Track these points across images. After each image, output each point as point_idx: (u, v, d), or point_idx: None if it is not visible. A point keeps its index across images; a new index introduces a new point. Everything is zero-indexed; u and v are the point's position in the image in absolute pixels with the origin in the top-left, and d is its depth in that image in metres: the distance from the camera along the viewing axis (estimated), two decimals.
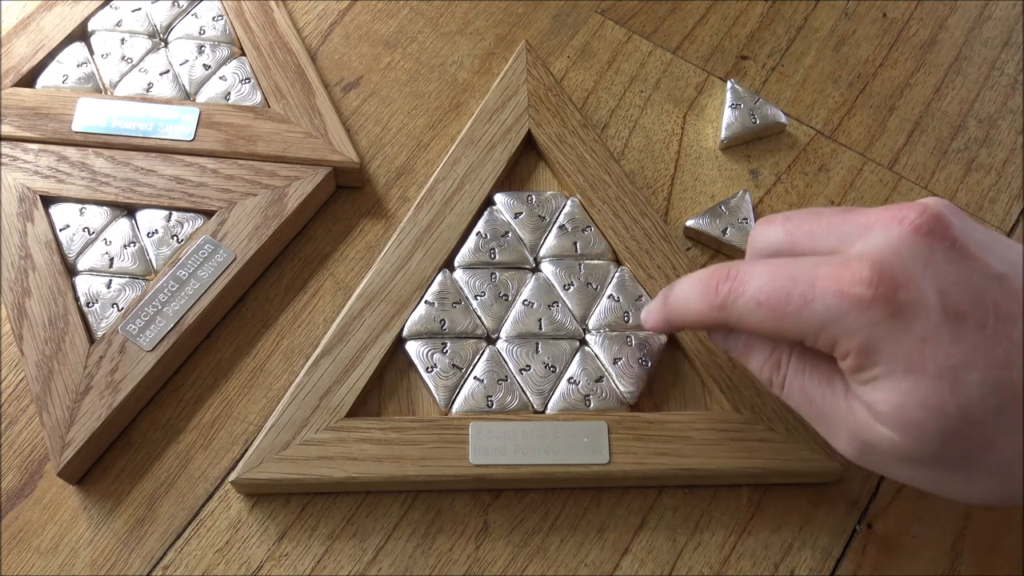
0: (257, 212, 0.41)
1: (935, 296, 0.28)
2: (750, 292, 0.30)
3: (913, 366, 0.28)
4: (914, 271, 0.28)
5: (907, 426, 0.28)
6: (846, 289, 0.28)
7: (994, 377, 0.27)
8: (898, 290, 0.28)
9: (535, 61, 0.46)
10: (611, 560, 0.37)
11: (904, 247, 0.28)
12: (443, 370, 0.39)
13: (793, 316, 0.29)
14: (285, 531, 0.37)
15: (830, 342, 0.29)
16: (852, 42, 0.49)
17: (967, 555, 0.37)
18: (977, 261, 0.28)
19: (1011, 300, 0.28)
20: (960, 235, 0.29)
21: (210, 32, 0.47)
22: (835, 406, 0.30)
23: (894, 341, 0.28)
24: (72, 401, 0.37)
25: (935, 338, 0.27)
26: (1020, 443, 0.28)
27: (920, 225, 0.29)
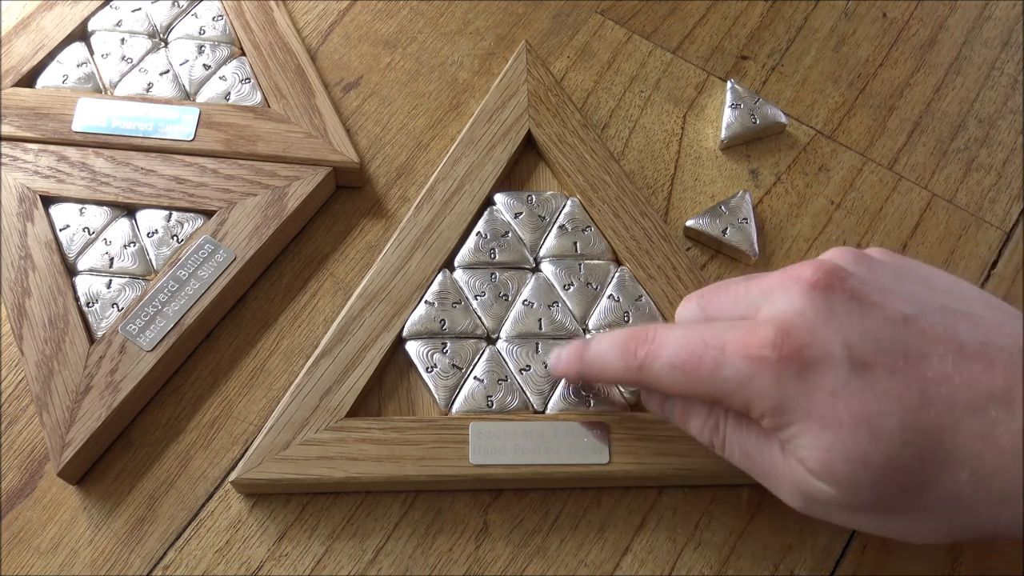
0: (257, 212, 0.41)
1: (840, 349, 0.28)
2: (665, 356, 0.31)
3: (828, 420, 0.28)
4: (817, 327, 0.28)
5: (837, 479, 0.28)
6: (753, 353, 0.29)
7: (911, 420, 0.27)
8: (803, 349, 0.28)
9: (535, 61, 0.46)
10: (611, 560, 0.37)
11: (805, 305, 0.29)
12: (443, 370, 0.39)
13: (706, 379, 0.30)
14: (285, 531, 0.37)
15: (744, 404, 0.30)
16: (852, 42, 0.49)
17: (967, 555, 0.37)
18: (879, 308, 0.29)
19: (919, 340, 0.28)
20: (859, 285, 0.29)
21: (210, 32, 0.47)
22: (774, 462, 0.31)
23: (805, 399, 0.28)
24: (72, 401, 0.37)
25: (845, 390, 0.28)
26: (951, 480, 0.28)
27: (816, 282, 0.29)
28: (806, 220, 0.44)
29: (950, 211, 0.45)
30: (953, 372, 0.28)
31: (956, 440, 0.27)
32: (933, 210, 0.45)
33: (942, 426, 0.27)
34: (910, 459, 0.28)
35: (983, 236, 0.44)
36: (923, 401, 0.28)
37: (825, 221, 0.44)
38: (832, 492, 0.29)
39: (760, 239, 0.43)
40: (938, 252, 0.44)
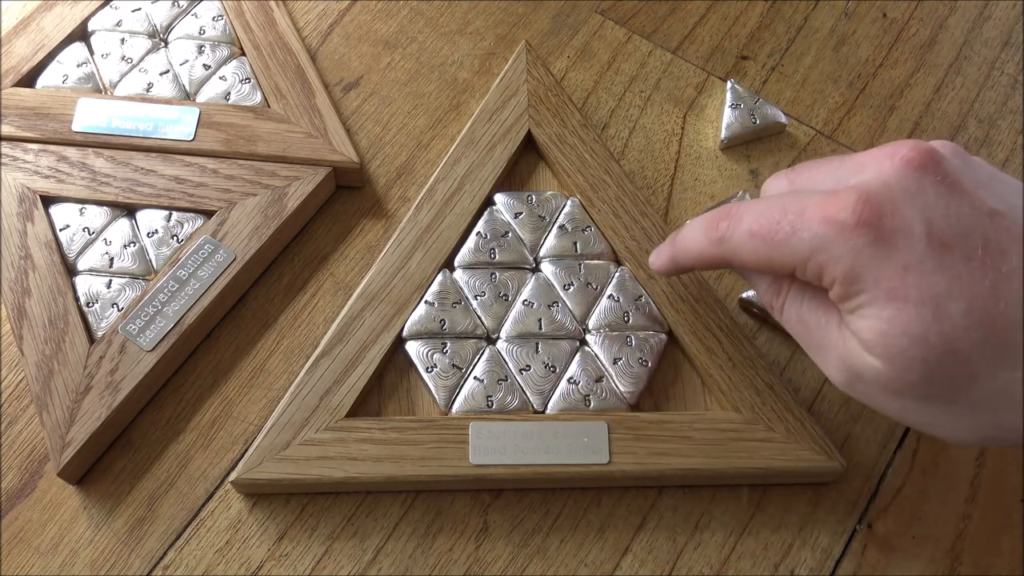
0: (257, 212, 0.41)
1: (921, 225, 0.28)
2: (745, 224, 0.32)
3: (895, 293, 0.28)
4: (900, 201, 0.28)
5: (891, 354, 0.28)
6: (831, 216, 0.29)
7: (979, 308, 0.27)
8: (882, 218, 0.28)
9: (535, 61, 0.46)
10: (611, 560, 0.37)
11: (893, 180, 0.29)
12: (443, 370, 0.39)
13: (782, 244, 0.30)
14: (285, 531, 0.37)
15: (817, 270, 0.30)
16: (852, 42, 0.49)
17: (967, 555, 0.37)
18: (969, 196, 0.29)
19: (1002, 235, 0.28)
20: (954, 171, 0.29)
21: (210, 32, 0.47)
22: (828, 334, 0.31)
23: (877, 268, 0.28)
24: (72, 401, 0.37)
25: (918, 266, 0.28)
26: (1004, 378, 0.27)
27: (911, 159, 0.29)
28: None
29: None
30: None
31: (1018, 337, 0.27)
32: None
33: (1007, 319, 0.27)
34: (969, 345, 0.27)
35: None
36: (994, 292, 0.27)
37: None
38: (881, 368, 0.29)
39: None
40: None
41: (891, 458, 0.39)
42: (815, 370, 0.41)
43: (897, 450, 0.39)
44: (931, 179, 0.29)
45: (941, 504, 0.38)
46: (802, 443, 0.37)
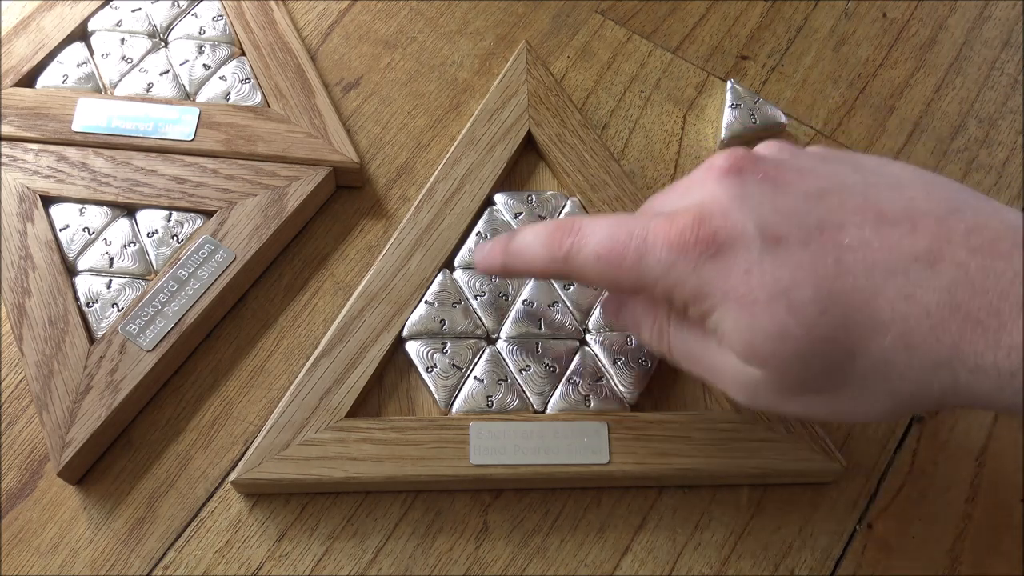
0: (257, 212, 0.41)
1: (752, 227, 0.28)
2: (591, 247, 0.31)
3: (744, 299, 0.28)
4: (730, 210, 0.29)
5: (763, 359, 0.28)
6: (673, 240, 0.29)
7: (827, 289, 0.27)
8: (717, 232, 0.28)
9: (535, 61, 0.46)
10: (611, 560, 0.37)
11: (718, 191, 0.29)
12: (443, 370, 0.39)
13: (629, 269, 0.31)
14: (285, 531, 0.37)
15: (667, 293, 0.30)
16: (852, 42, 0.49)
17: (967, 555, 0.37)
18: (794, 185, 0.29)
19: (835, 213, 0.28)
20: (772, 167, 0.30)
21: (210, 32, 0.47)
22: (713, 358, 0.31)
23: (722, 280, 0.28)
24: (72, 401, 0.37)
25: (758, 267, 0.28)
26: (878, 347, 0.27)
27: (728, 168, 0.30)
28: None
29: None
30: (872, 237, 0.27)
31: (877, 304, 0.27)
32: None
33: (861, 291, 0.27)
34: (831, 328, 0.27)
35: None
36: (839, 270, 0.27)
37: None
38: (762, 374, 0.29)
39: None
40: None
41: (891, 458, 0.39)
42: None
43: (897, 450, 0.39)
44: (751, 179, 0.29)
45: (941, 504, 0.38)
46: (802, 443, 0.37)
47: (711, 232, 0.29)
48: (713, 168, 0.30)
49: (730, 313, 0.28)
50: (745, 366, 0.29)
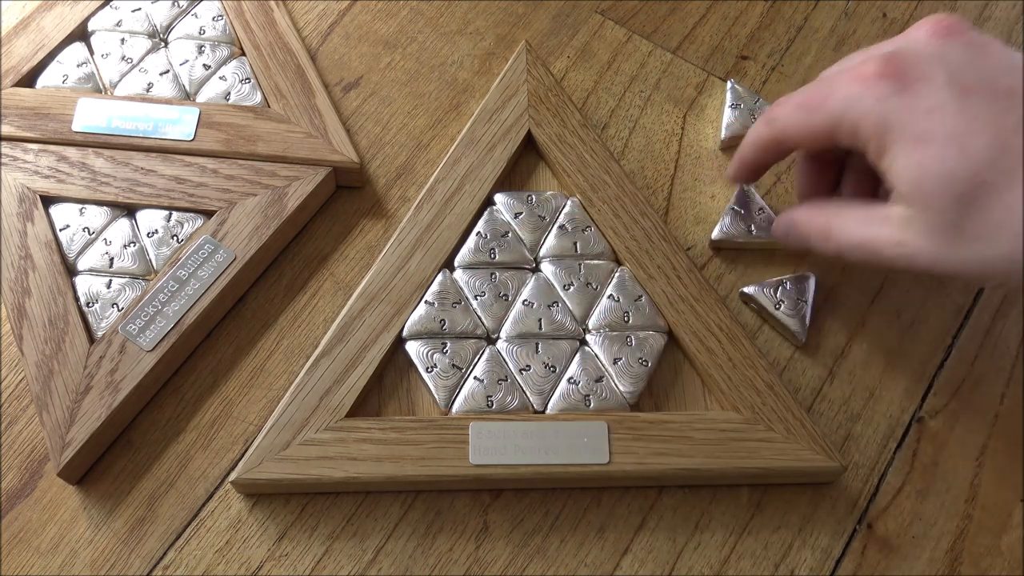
0: (257, 212, 0.41)
1: (944, 74, 0.31)
2: (793, 100, 0.36)
3: (922, 137, 0.30)
4: (924, 55, 0.31)
5: (927, 199, 0.31)
6: (861, 74, 0.32)
7: (1002, 142, 0.29)
8: (907, 69, 0.31)
9: (535, 61, 0.46)
10: (611, 560, 0.37)
11: (918, 44, 0.32)
12: (443, 370, 0.39)
13: (819, 108, 0.34)
14: (285, 531, 0.37)
15: (852, 128, 0.33)
16: (852, 42, 0.49)
17: (967, 555, 0.37)
18: (993, 55, 0.31)
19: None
20: (979, 36, 0.32)
21: (210, 32, 0.47)
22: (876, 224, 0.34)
23: (904, 114, 0.31)
24: (72, 401, 0.37)
25: (941, 109, 0.30)
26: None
27: (935, 28, 0.32)
28: None
29: None
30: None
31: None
32: None
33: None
34: (995, 175, 0.29)
35: None
36: (1016, 128, 0.29)
37: None
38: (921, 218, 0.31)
39: None
40: None
41: (891, 458, 0.39)
42: (815, 370, 0.41)
43: (897, 450, 0.39)
44: (956, 41, 0.32)
45: (941, 504, 0.38)
46: (802, 443, 0.37)
47: (900, 69, 0.31)
48: (923, 26, 0.32)
49: (905, 149, 0.31)
50: (906, 212, 0.32)
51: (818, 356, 0.41)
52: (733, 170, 0.41)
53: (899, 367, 0.41)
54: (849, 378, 0.41)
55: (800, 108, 0.35)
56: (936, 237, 0.31)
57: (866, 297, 0.42)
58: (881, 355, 0.41)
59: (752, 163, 0.40)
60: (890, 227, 0.33)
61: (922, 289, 0.43)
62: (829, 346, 0.41)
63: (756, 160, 0.39)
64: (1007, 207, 0.29)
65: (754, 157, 0.39)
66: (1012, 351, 0.41)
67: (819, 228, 0.37)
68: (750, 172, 0.40)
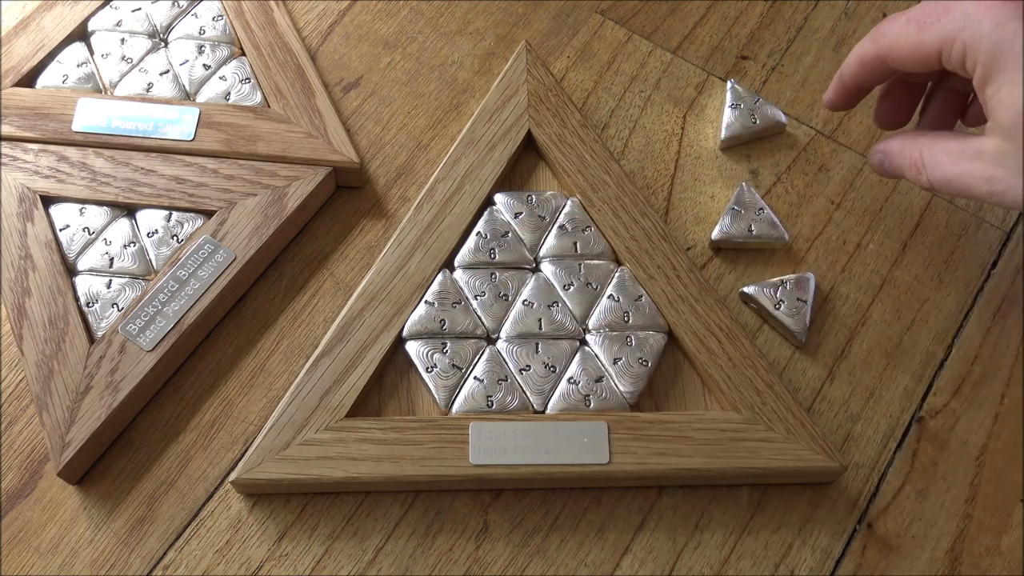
0: (257, 212, 0.41)
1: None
2: (903, 17, 0.35)
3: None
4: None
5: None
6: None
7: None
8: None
9: (535, 61, 0.46)
10: (611, 560, 0.37)
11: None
12: (443, 370, 0.39)
13: (931, 25, 0.33)
14: (285, 531, 0.37)
15: (962, 51, 0.32)
16: (852, 42, 0.49)
17: (967, 555, 0.37)
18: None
19: None
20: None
21: (210, 32, 0.47)
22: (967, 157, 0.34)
23: (1018, 43, 0.30)
24: (72, 401, 0.37)
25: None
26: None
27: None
28: (806, 220, 0.44)
29: (950, 211, 0.45)
30: None
31: None
32: (933, 210, 0.45)
33: None
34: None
35: (983, 236, 0.44)
36: None
37: (825, 221, 0.44)
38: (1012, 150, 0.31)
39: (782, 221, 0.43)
40: (938, 252, 0.43)
41: (891, 458, 0.39)
42: (815, 370, 0.41)
43: (897, 450, 0.39)
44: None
45: (941, 504, 0.38)
46: (802, 443, 0.37)
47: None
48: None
49: (1014, 77, 0.31)
50: (1001, 146, 0.32)
51: (818, 356, 0.41)
52: (831, 93, 0.40)
53: (899, 367, 0.41)
54: (849, 378, 0.41)
55: (911, 23, 0.34)
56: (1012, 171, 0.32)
57: (866, 297, 0.42)
58: (881, 355, 0.41)
59: (852, 83, 0.39)
60: (982, 162, 0.33)
61: (922, 289, 0.43)
62: (829, 346, 0.41)
63: (857, 79, 0.38)
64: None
65: (855, 76, 0.38)
66: (1012, 351, 0.41)
67: (911, 161, 0.36)
68: (848, 95, 0.40)
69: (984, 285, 0.43)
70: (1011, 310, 0.42)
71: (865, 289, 0.43)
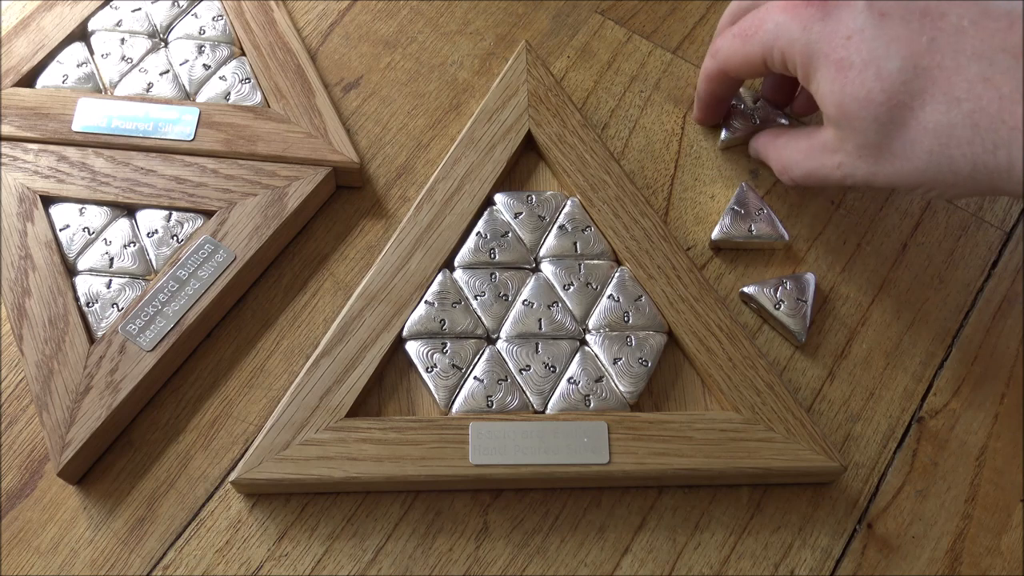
0: (257, 212, 0.41)
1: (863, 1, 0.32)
2: (730, 33, 0.38)
3: (842, 63, 0.32)
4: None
5: (849, 119, 0.33)
6: (788, 5, 0.35)
7: (914, 62, 0.31)
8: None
9: (535, 61, 0.46)
10: (611, 560, 0.37)
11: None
12: (443, 370, 0.39)
13: (752, 37, 0.36)
14: (285, 531, 0.37)
15: (781, 56, 0.35)
16: None
17: (967, 555, 0.37)
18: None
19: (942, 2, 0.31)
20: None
21: (210, 32, 0.47)
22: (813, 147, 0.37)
23: (826, 42, 0.33)
24: (72, 401, 0.37)
25: (859, 34, 0.32)
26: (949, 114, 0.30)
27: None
28: (806, 220, 0.44)
29: (950, 211, 0.45)
30: (968, 27, 0.31)
31: (954, 81, 0.30)
32: (933, 210, 0.45)
33: (944, 67, 0.31)
34: (908, 96, 0.31)
35: (983, 236, 0.44)
36: (930, 47, 0.31)
37: (825, 221, 0.44)
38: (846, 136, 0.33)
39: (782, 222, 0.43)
40: (938, 252, 0.44)
41: (891, 458, 0.39)
42: (815, 370, 0.41)
43: (897, 450, 0.39)
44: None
45: (941, 504, 0.38)
46: (802, 443, 0.37)
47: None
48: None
49: (828, 75, 0.33)
50: (837, 134, 0.34)
51: (818, 356, 0.41)
52: (696, 111, 0.44)
53: (899, 367, 0.41)
54: (849, 378, 0.41)
55: (736, 38, 0.37)
56: (865, 156, 0.33)
57: (866, 297, 0.42)
58: (881, 355, 0.41)
59: (708, 98, 0.42)
60: (829, 152, 0.35)
61: (922, 289, 0.43)
62: (829, 346, 0.41)
63: (710, 94, 0.42)
64: (920, 126, 0.31)
65: (708, 91, 0.42)
66: (1012, 351, 0.41)
67: (776, 162, 0.40)
68: (710, 108, 0.43)
69: (984, 285, 0.43)
70: (1011, 310, 0.42)
71: (865, 289, 0.43)
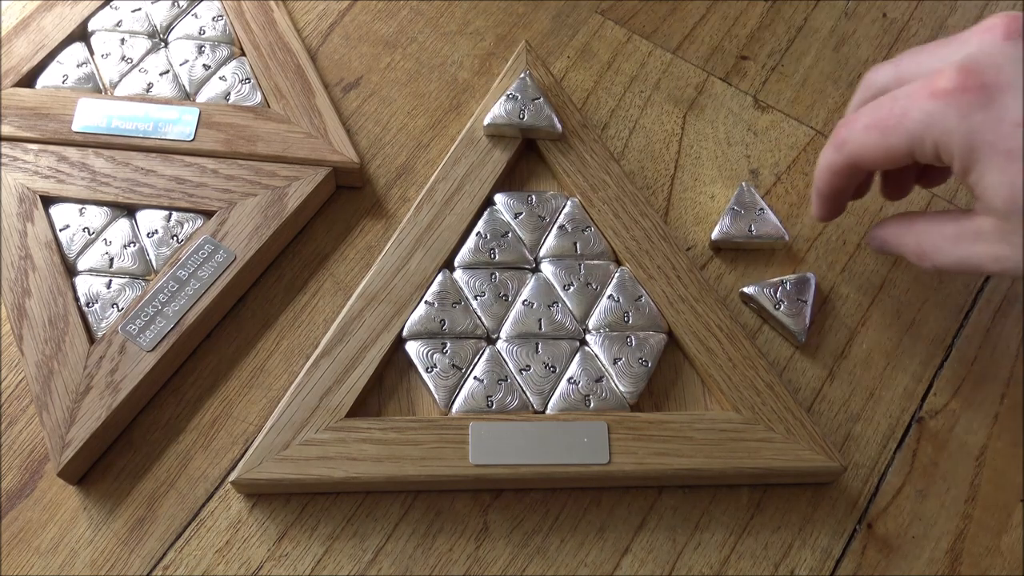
0: (257, 212, 0.41)
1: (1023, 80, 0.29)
2: (860, 122, 0.34)
3: (1012, 152, 0.29)
4: (1002, 63, 0.30)
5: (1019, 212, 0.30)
6: (936, 90, 0.30)
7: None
8: (987, 82, 0.29)
9: (535, 61, 0.46)
10: (611, 560, 0.37)
11: (993, 48, 0.30)
12: (443, 370, 0.39)
13: (895, 128, 0.32)
14: (285, 531, 0.37)
15: (934, 147, 0.31)
16: (852, 42, 0.49)
17: (967, 555, 0.37)
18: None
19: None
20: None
21: (210, 32, 0.47)
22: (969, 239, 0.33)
23: (991, 131, 0.30)
24: (72, 401, 0.37)
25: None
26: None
27: (1007, 26, 0.31)
28: (806, 220, 0.44)
29: None
30: None
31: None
32: (933, 210, 0.45)
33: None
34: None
35: None
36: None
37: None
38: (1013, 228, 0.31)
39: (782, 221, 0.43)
40: None
41: (891, 458, 0.39)
42: (815, 370, 0.41)
43: (897, 450, 0.39)
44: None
45: (941, 504, 0.38)
46: (802, 443, 0.37)
47: (980, 81, 0.29)
48: (993, 28, 0.31)
49: (996, 166, 0.30)
50: (1001, 227, 0.31)
51: (818, 356, 0.41)
52: (816, 208, 0.39)
53: (899, 367, 0.41)
54: (849, 378, 0.41)
55: (872, 130, 0.33)
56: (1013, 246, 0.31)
57: (866, 297, 0.42)
58: (881, 355, 0.41)
59: (830, 192, 0.38)
60: (986, 243, 0.32)
61: (922, 289, 0.43)
62: (829, 346, 0.41)
63: (833, 188, 0.37)
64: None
65: (830, 186, 0.37)
66: (1012, 351, 0.41)
67: (912, 249, 0.36)
68: (831, 203, 0.38)
69: (984, 285, 0.43)
70: (1011, 310, 0.42)
71: (865, 289, 0.43)
